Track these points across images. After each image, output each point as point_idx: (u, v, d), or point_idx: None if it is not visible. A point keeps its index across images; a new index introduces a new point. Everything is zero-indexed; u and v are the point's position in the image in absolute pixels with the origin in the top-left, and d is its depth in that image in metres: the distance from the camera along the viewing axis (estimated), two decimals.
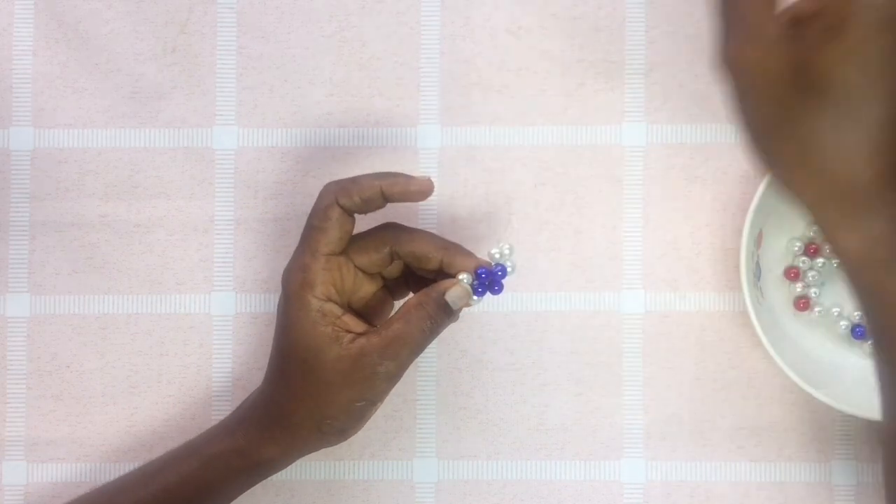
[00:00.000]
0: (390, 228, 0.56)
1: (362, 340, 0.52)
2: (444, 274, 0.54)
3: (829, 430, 0.61)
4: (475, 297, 0.54)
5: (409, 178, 0.54)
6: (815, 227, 0.61)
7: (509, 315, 0.62)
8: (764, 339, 0.56)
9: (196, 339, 0.63)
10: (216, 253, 0.63)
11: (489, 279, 0.54)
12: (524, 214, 0.62)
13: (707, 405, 0.62)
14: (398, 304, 0.56)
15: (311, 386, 0.53)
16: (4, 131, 0.64)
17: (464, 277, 0.53)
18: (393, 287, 0.58)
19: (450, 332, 0.62)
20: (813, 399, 0.57)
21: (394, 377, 0.53)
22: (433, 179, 0.55)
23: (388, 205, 0.55)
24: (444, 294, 0.52)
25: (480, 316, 0.62)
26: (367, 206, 0.54)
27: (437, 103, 0.63)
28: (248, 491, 0.58)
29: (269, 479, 0.61)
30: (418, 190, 0.54)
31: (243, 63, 0.63)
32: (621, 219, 0.62)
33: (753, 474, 0.61)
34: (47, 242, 0.63)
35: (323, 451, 0.62)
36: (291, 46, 0.63)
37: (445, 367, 0.62)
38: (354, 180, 0.54)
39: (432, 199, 0.62)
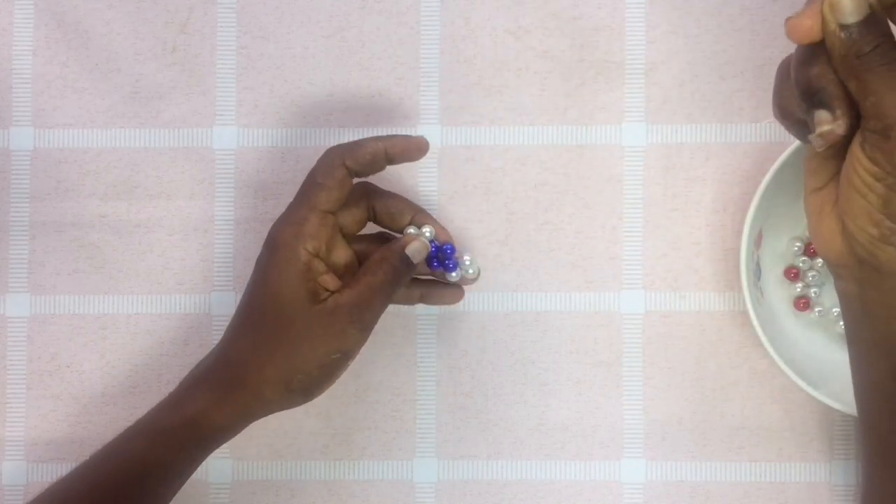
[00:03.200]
0: (368, 186, 0.58)
1: (337, 296, 0.54)
2: None
3: (829, 430, 0.61)
4: (430, 268, 0.58)
5: (408, 137, 0.57)
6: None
7: (509, 315, 0.62)
8: (764, 339, 0.56)
9: (196, 339, 0.63)
10: (216, 253, 0.63)
11: (438, 254, 0.57)
12: (524, 214, 0.62)
13: (707, 405, 0.62)
14: None
15: (284, 339, 0.54)
16: (4, 131, 0.64)
17: (426, 231, 0.57)
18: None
19: (450, 332, 0.62)
20: (813, 399, 0.57)
21: (366, 327, 0.54)
22: (433, 179, 0.57)
23: None
24: (404, 248, 0.55)
25: (480, 316, 0.62)
26: (371, 168, 0.56)
27: (437, 103, 0.63)
28: (248, 491, 0.57)
29: (269, 479, 0.61)
30: (417, 148, 0.57)
31: (243, 63, 0.63)
32: (621, 219, 0.62)
33: (753, 474, 0.61)
34: (47, 242, 0.63)
35: (323, 451, 0.62)
36: (291, 46, 0.63)
37: (445, 367, 0.62)
38: (358, 143, 0.56)
39: (432, 198, 0.62)
